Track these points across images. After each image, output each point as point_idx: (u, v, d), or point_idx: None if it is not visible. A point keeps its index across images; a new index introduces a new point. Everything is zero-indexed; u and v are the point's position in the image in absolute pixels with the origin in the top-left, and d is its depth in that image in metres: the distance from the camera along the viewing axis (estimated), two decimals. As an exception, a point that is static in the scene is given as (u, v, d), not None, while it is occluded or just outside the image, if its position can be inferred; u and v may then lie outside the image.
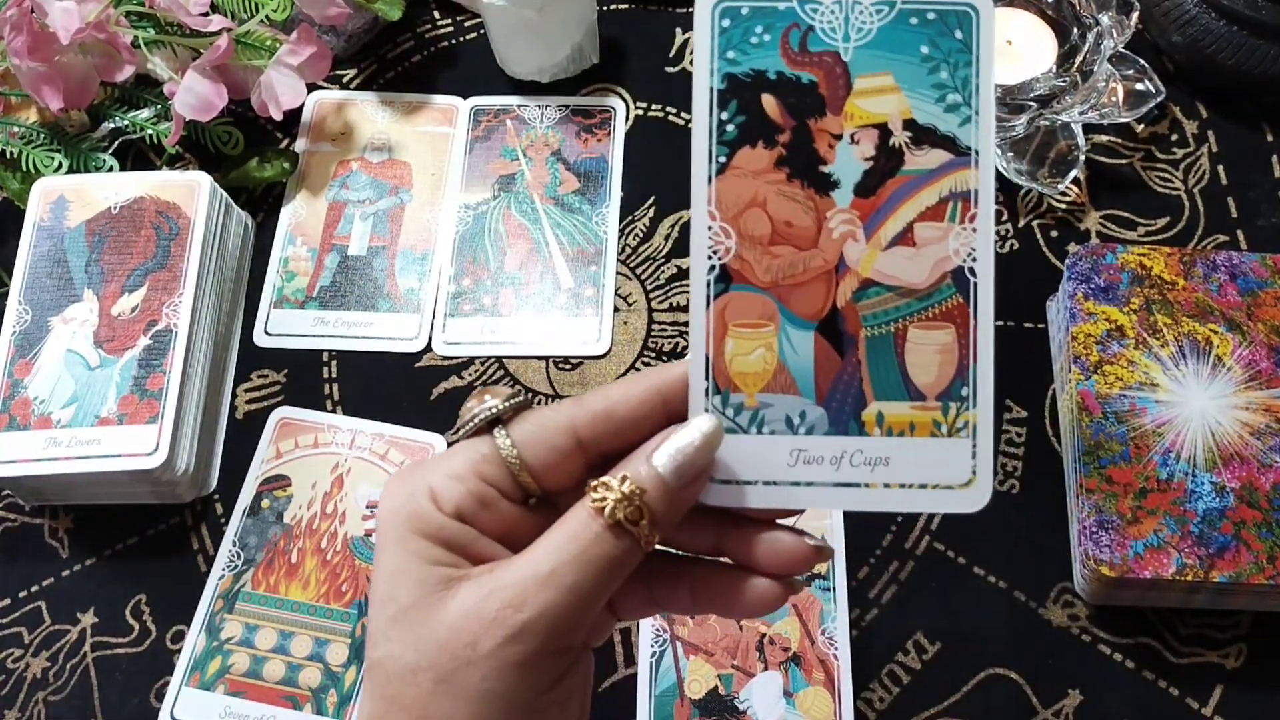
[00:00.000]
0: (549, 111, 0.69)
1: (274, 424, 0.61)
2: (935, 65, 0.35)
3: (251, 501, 0.59)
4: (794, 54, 0.36)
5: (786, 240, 0.36)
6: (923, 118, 0.35)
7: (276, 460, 0.60)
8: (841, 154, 0.35)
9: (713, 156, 0.36)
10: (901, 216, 0.35)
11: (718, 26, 0.36)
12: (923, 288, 0.35)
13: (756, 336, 0.36)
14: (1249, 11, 0.62)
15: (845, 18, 0.35)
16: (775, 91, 0.35)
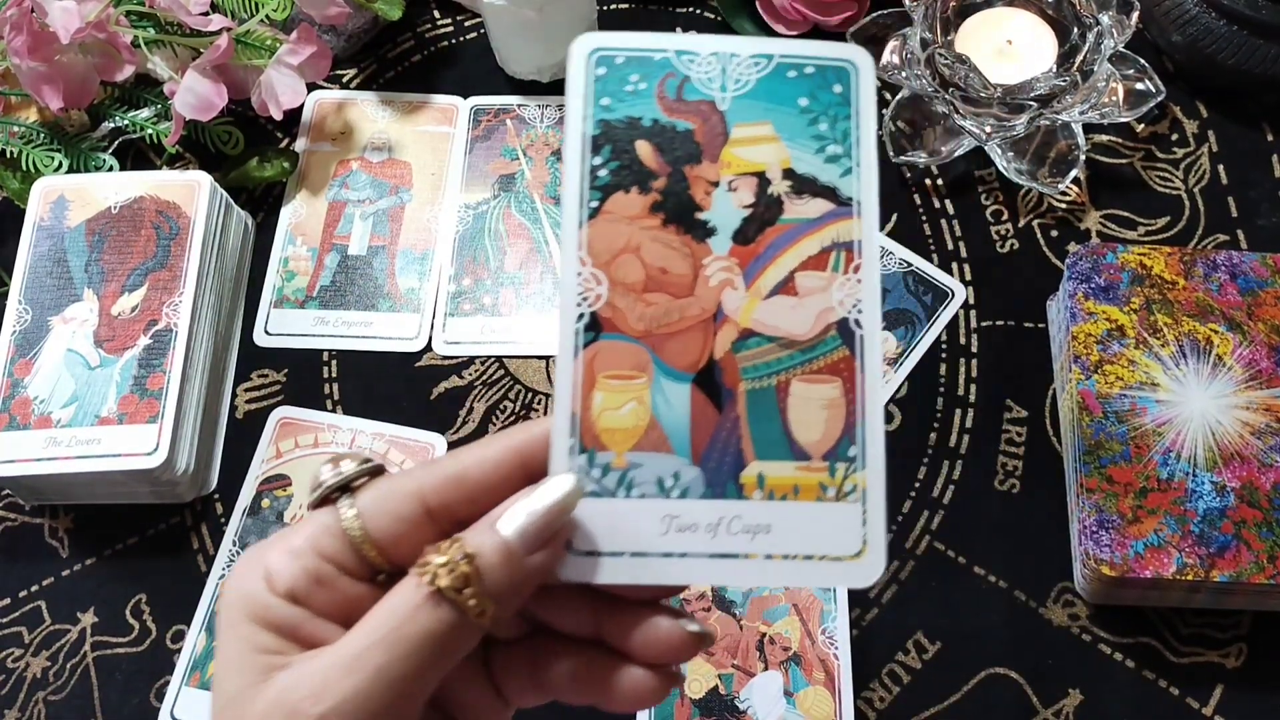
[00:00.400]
0: (549, 111, 0.69)
1: (274, 424, 0.61)
2: (814, 117, 0.35)
3: (252, 501, 0.59)
4: (670, 102, 0.35)
5: (661, 287, 0.34)
6: (802, 168, 0.35)
7: (277, 460, 0.60)
8: (719, 201, 0.34)
9: (584, 201, 0.34)
10: (782, 265, 0.34)
11: (593, 74, 0.35)
12: (806, 339, 0.34)
13: (627, 389, 0.33)
14: (1249, 11, 0.62)
15: (722, 69, 0.35)
16: (650, 138, 0.35)
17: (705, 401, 0.33)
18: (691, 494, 0.33)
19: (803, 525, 0.33)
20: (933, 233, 0.65)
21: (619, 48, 0.35)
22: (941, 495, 0.58)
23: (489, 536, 0.30)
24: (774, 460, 0.33)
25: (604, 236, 0.34)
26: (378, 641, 0.29)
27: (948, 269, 0.64)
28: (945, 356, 0.62)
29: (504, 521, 0.31)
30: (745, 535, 0.33)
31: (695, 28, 0.72)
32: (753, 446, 0.33)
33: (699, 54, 0.35)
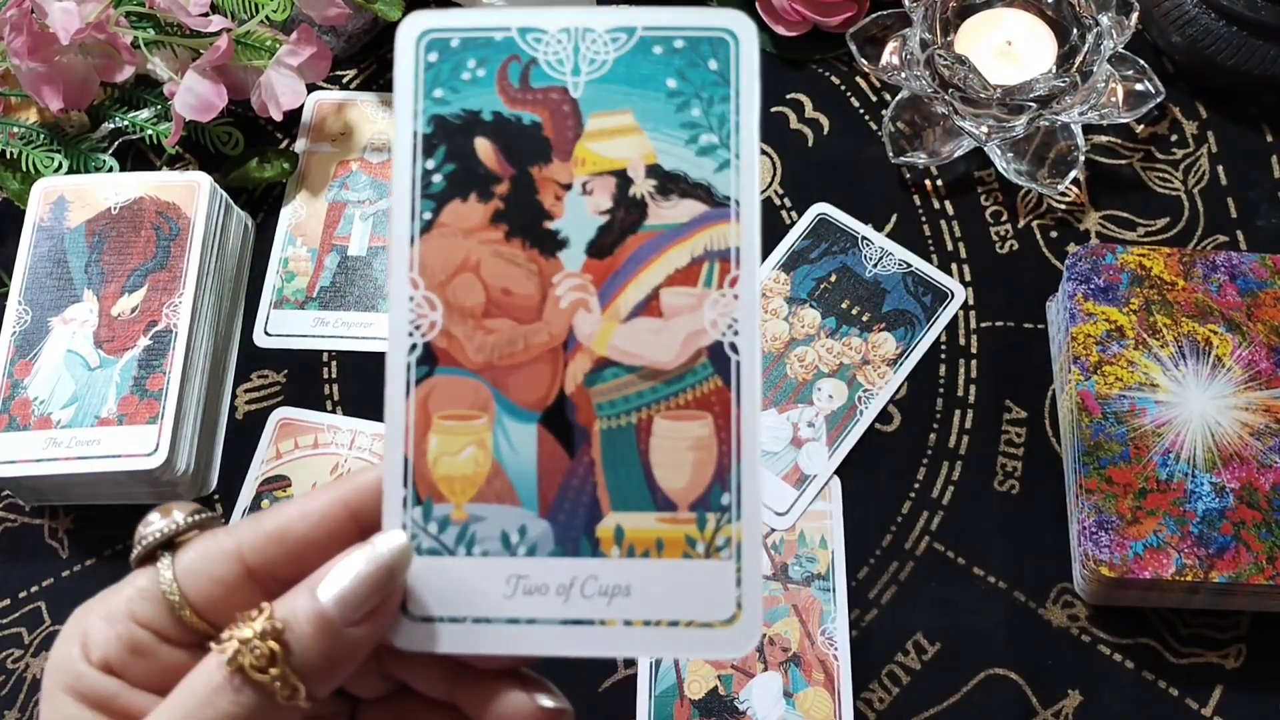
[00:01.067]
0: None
1: (274, 424, 0.61)
2: (685, 101, 0.30)
3: (251, 502, 0.59)
4: (514, 91, 0.30)
5: (504, 312, 0.29)
6: (670, 163, 0.30)
7: (276, 461, 0.60)
8: (571, 207, 0.30)
9: (416, 213, 0.30)
10: (645, 281, 0.29)
11: (423, 61, 0.31)
12: (672, 368, 0.29)
13: (466, 431, 0.29)
14: (1249, 12, 0.62)
15: (575, 48, 0.30)
16: (491, 135, 0.30)
17: (554, 444, 0.29)
18: (540, 551, 0.29)
19: (667, 586, 0.29)
20: (932, 233, 0.65)
21: (453, 27, 0.31)
22: (941, 496, 0.58)
23: (303, 604, 0.27)
24: (634, 511, 0.29)
25: (439, 253, 0.29)
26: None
27: (947, 270, 0.64)
28: (945, 357, 0.62)
29: (323, 586, 0.27)
30: (602, 598, 0.29)
31: (695, 28, 0.72)
32: (609, 495, 0.29)
33: (547, 31, 0.30)
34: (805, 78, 0.70)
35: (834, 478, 0.58)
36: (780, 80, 0.70)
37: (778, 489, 0.58)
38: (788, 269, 0.64)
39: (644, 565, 0.29)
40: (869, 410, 0.60)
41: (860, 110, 0.69)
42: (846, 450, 0.59)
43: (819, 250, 0.64)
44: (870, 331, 0.62)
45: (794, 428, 0.59)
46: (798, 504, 0.57)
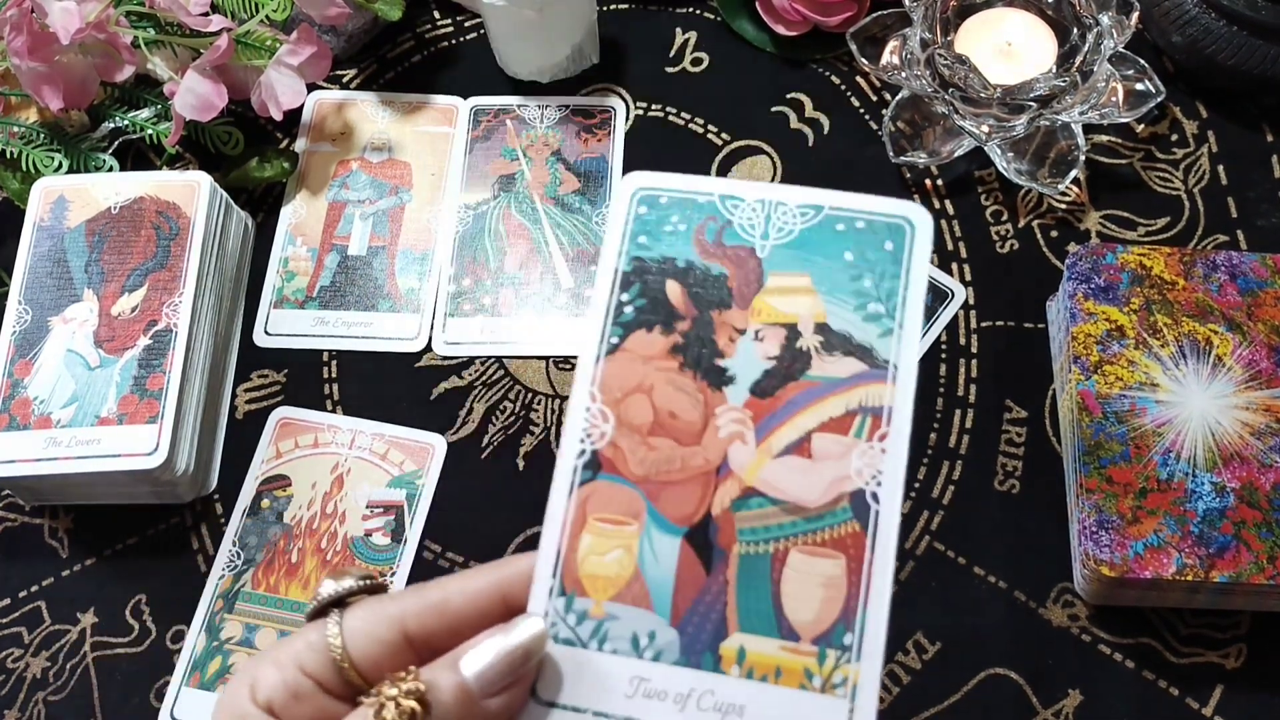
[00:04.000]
0: (549, 111, 0.69)
1: (274, 424, 0.61)
2: (858, 273, 0.33)
3: (251, 501, 0.59)
4: (708, 245, 0.34)
5: (668, 432, 0.32)
6: (837, 323, 0.33)
7: (276, 460, 0.60)
8: (742, 350, 0.33)
9: (604, 336, 0.33)
10: (800, 424, 0.32)
11: (634, 211, 0.34)
12: (814, 507, 0.31)
13: (617, 535, 0.32)
14: (1249, 12, 0.62)
15: (766, 216, 0.34)
16: (682, 279, 0.34)
17: (694, 559, 0.31)
18: (665, 658, 0.31)
19: (780, 713, 0.30)
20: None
21: (664, 188, 0.34)
22: (941, 496, 0.58)
23: (447, 675, 0.30)
24: (759, 635, 0.30)
25: (618, 374, 0.33)
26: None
27: (948, 269, 0.64)
28: (945, 357, 0.62)
29: (466, 660, 0.30)
30: (716, 713, 0.30)
31: (695, 28, 0.72)
32: (738, 616, 0.31)
33: (744, 199, 0.34)
34: (805, 78, 0.70)
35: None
36: (780, 80, 0.70)
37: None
38: (788, 269, 0.64)
39: (761, 688, 0.30)
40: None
41: (860, 110, 0.69)
42: (847, 450, 0.59)
43: (819, 250, 0.64)
44: (870, 331, 0.62)
45: (794, 427, 0.59)
46: (798, 504, 0.57)
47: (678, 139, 0.68)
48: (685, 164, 0.67)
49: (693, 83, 0.70)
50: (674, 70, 0.71)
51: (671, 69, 0.71)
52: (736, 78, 0.70)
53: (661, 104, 0.69)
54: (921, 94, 0.64)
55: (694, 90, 0.70)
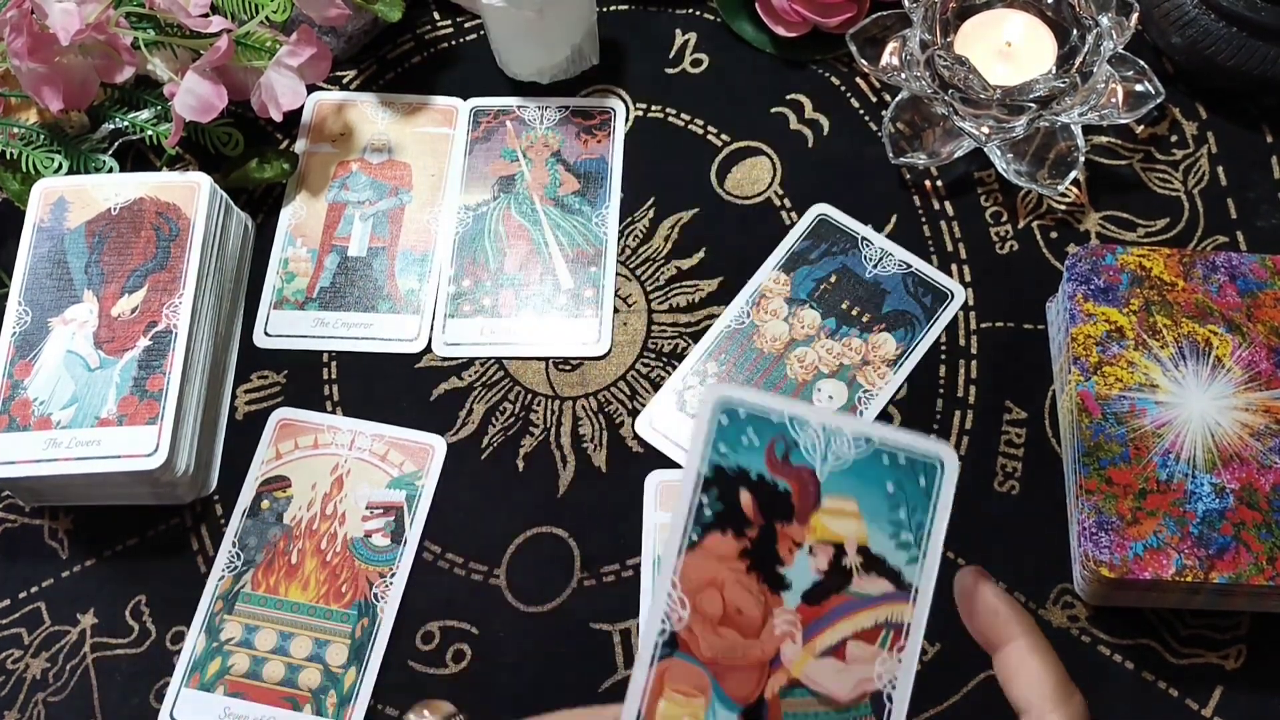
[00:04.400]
0: (549, 112, 0.69)
1: (274, 425, 0.61)
2: (897, 503, 0.38)
3: (251, 502, 0.59)
4: (777, 462, 0.38)
5: (734, 625, 0.38)
6: (876, 547, 0.38)
7: (276, 461, 0.60)
8: (799, 561, 0.38)
9: (687, 532, 0.38)
10: (839, 631, 0.37)
11: (717, 421, 0.38)
12: (843, 701, 0.37)
13: (687, 705, 0.37)
14: (1249, 13, 0.62)
15: (826, 442, 0.38)
16: (753, 490, 0.38)
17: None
18: None
19: None
20: (932, 234, 0.65)
21: (744, 402, 0.39)
22: (941, 496, 0.58)
23: None
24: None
25: (697, 568, 0.38)
26: None
27: (947, 270, 0.64)
28: (945, 358, 0.62)
29: None
30: None
31: (695, 29, 0.72)
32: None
33: (810, 424, 0.38)
34: (805, 78, 0.70)
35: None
36: (780, 80, 0.70)
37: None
38: (788, 270, 0.64)
39: None
40: (869, 411, 0.60)
41: (860, 111, 0.69)
42: (846, 451, 0.59)
43: (819, 251, 0.64)
44: (870, 332, 0.62)
45: (794, 428, 0.59)
46: (798, 505, 0.58)
47: (678, 140, 0.68)
48: (685, 165, 0.68)
49: (693, 83, 0.70)
50: (674, 71, 0.71)
51: (671, 70, 0.71)
52: (736, 78, 0.70)
53: (661, 105, 0.69)
54: (921, 95, 0.64)
55: (694, 91, 0.70)
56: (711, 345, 0.62)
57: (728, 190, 0.67)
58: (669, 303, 0.64)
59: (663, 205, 0.66)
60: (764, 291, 0.63)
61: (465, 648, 0.56)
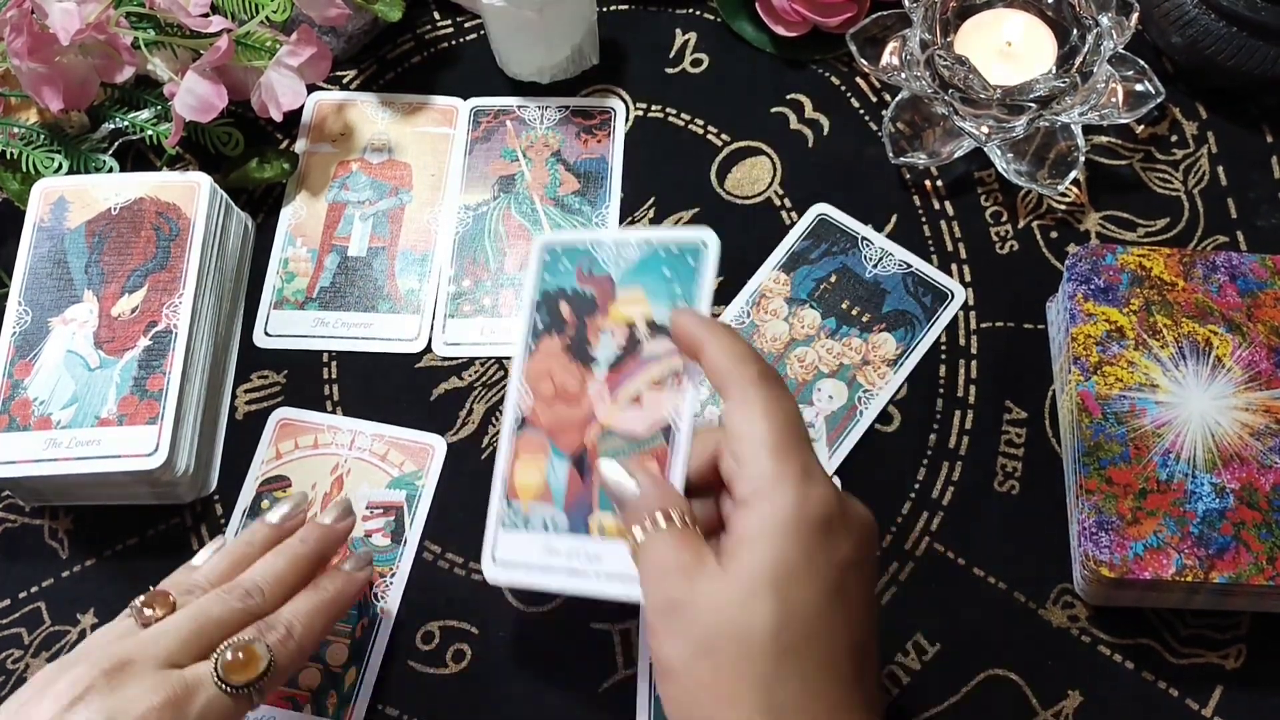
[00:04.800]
0: (549, 112, 0.69)
1: (274, 425, 0.61)
2: (671, 282, 0.48)
3: (251, 502, 0.59)
4: (584, 277, 0.51)
5: (562, 399, 0.50)
6: (659, 319, 0.48)
7: (276, 461, 0.60)
8: (604, 341, 0.50)
9: (527, 345, 0.52)
10: (636, 384, 0.48)
11: (542, 260, 0.52)
12: (643, 436, 0.47)
13: (534, 461, 0.50)
14: (1249, 13, 0.62)
15: (618, 253, 0.50)
16: (569, 301, 0.51)
17: (576, 474, 0.49)
18: (560, 530, 0.48)
19: (619, 556, 0.46)
20: (932, 234, 0.65)
21: (559, 241, 0.52)
22: (941, 496, 0.58)
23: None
24: (608, 511, 0.47)
25: (535, 367, 0.51)
26: None
27: (947, 270, 0.64)
28: (945, 358, 0.62)
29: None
30: (590, 561, 0.47)
31: (695, 29, 0.72)
32: (598, 503, 0.47)
33: (605, 243, 0.51)
34: (805, 78, 0.70)
35: (834, 478, 0.58)
36: (780, 80, 0.70)
37: (778, 489, 0.58)
38: (788, 269, 0.64)
39: (611, 543, 0.47)
40: (869, 411, 0.60)
41: (860, 110, 0.69)
42: (847, 451, 0.59)
43: (819, 251, 0.64)
44: (870, 332, 0.62)
45: (794, 428, 0.59)
46: (798, 504, 0.58)
47: (678, 140, 0.68)
48: (685, 165, 0.68)
49: (693, 83, 0.70)
50: (674, 71, 0.71)
51: (671, 70, 0.71)
52: (736, 78, 0.70)
53: (661, 105, 0.69)
54: (921, 95, 0.64)
55: (694, 91, 0.70)
56: (711, 345, 0.62)
57: (728, 190, 0.67)
58: (669, 302, 0.64)
59: (663, 205, 0.66)
60: (764, 291, 0.63)
61: (465, 648, 0.56)
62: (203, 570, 0.51)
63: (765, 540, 0.40)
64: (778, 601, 0.39)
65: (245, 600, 0.49)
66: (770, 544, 0.40)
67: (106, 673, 0.44)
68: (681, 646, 0.40)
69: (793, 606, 0.39)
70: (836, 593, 0.40)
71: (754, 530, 0.40)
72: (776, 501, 0.40)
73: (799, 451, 0.42)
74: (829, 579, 0.40)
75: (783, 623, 0.39)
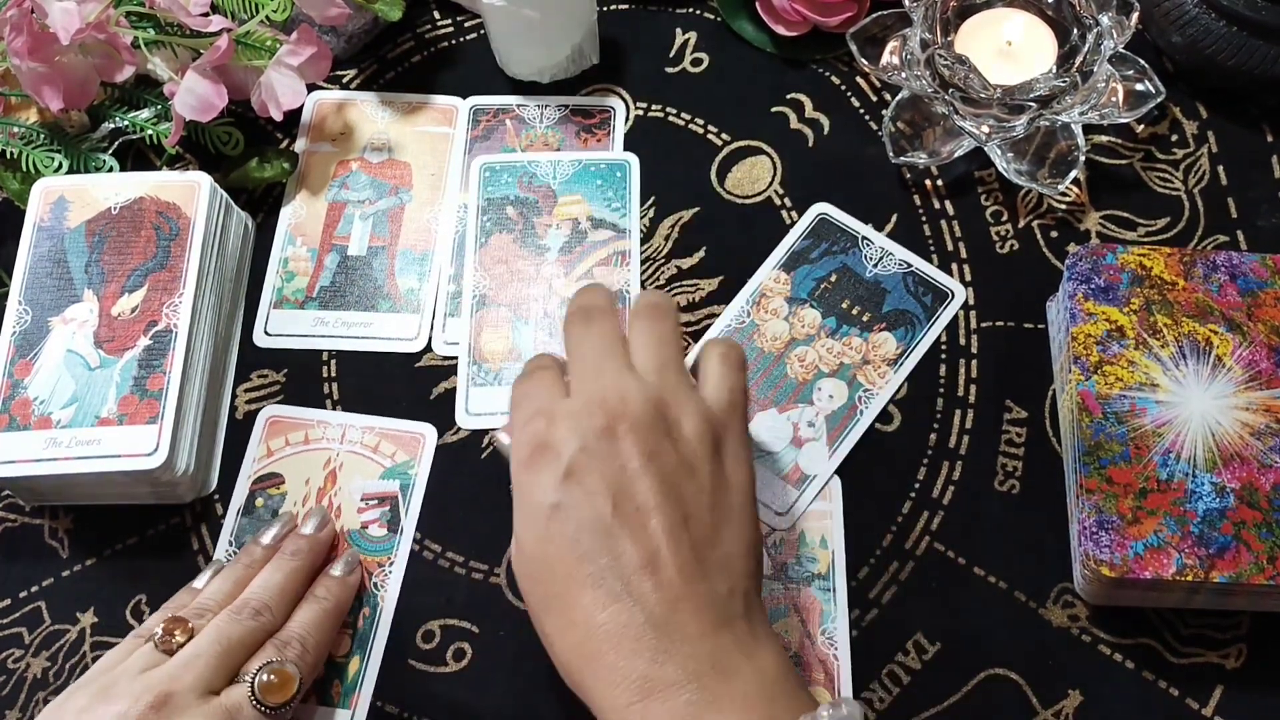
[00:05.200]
0: (549, 111, 0.69)
1: (263, 422, 0.61)
2: (606, 188, 0.65)
3: (245, 501, 0.59)
4: (526, 186, 0.65)
5: (517, 278, 0.63)
6: (598, 214, 0.64)
7: (268, 459, 0.60)
8: (551, 234, 0.64)
9: (478, 238, 0.64)
10: (586, 265, 0.63)
11: (483, 176, 0.66)
12: None
13: (500, 332, 0.62)
14: (1249, 12, 0.62)
15: (554, 169, 0.66)
16: (515, 205, 0.65)
17: (542, 336, 0.61)
18: None
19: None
20: (932, 233, 0.65)
21: (498, 161, 0.66)
22: (941, 496, 0.58)
23: None
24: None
25: (488, 255, 0.64)
26: None
27: (947, 270, 0.64)
28: (945, 357, 0.62)
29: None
30: None
31: (695, 28, 0.72)
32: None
33: (541, 163, 0.66)
34: (805, 78, 0.70)
35: (834, 477, 0.58)
36: (780, 80, 0.70)
37: (778, 489, 0.58)
38: (788, 269, 0.64)
39: None
40: (869, 410, 0.60)
41: (860, 110, 0.69)
42: (847, 450, 0.59)
43: (819, 250, 0.64)
44: (870, 331, 0.62)
45: (794, 427, 0.59)
46: (798, 504, 0.57)
47: (678, 139, 0.68)
48: (685, 164, 0.68)
49: (693, 83, 0.70)
50: (674, 70, 0.71)
51: (671, 69, 0.71)
52: (736, 78, 0.70)
53: (661, 104, 0.69)
54: (921, 94, 0.64)
55: (694, 90, 0.70)
56: (711, 344, 0.62)
57: (728, 189, 0.67)
58: (669, 302, 0.64)
59: (663, 204, 0.66)
60: (764, 291, 0.63)
61: (465, 647, 0.56)
62: (207, 592, 0.52)
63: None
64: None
65: (258, 619, 0.50)
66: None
67: (152, 707, 0.46)
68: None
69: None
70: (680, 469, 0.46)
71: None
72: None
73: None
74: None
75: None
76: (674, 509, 0.45)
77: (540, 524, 0.45)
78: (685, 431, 0.47)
